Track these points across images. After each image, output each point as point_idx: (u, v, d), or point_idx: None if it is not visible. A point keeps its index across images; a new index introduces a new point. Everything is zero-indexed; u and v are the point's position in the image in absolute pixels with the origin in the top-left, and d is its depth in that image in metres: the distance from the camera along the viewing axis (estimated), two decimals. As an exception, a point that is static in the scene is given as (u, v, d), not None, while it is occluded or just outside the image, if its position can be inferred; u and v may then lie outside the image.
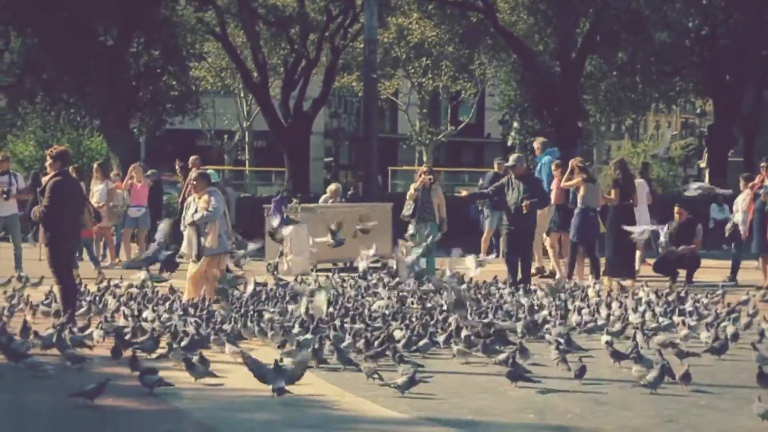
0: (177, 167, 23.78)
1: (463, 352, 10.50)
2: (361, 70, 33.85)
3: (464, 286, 14.96)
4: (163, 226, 15.30)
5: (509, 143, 39.07)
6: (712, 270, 19.40)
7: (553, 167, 19.22)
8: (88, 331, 11.37)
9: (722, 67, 35.40)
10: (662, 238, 18.50)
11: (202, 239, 13.94)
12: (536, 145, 20.58)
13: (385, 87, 48.18)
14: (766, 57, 35.41)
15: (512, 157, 17.85)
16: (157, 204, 23.33)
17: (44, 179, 13.22)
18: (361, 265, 15.47)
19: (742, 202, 18.80)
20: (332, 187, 23.64)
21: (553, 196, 18.76)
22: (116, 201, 21.33)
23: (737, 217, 18.86)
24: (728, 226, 19.12)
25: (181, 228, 14.61)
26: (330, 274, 17.00)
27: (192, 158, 23.07)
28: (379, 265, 16.22)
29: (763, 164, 18.37)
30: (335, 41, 34.07)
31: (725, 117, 36.35)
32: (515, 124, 37.59)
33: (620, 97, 38.73)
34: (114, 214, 21.17)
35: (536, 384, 9.23)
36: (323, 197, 23.13)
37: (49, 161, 12.86)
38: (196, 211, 13.94)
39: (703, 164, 45.93)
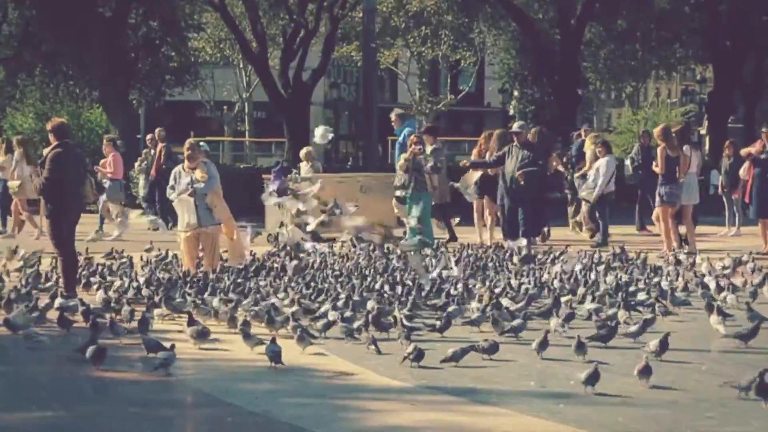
0: (147, 140, 23.89)
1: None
2: (360, 40, 33.70)
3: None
4: None
5: (510, 112, 39.02)
6: (714, 237, 19.43)
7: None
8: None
9: (722, 34, 35.28)
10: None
11: (200, 209, 13.94)
12: (393, 117, 19.69)
13: (385, 56, 47.98)
14: (767, 23, 35.28)
15: (516, 124, 17.79)
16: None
17: (45, 151, 13.20)
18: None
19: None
20: (303, 151, 22.01)
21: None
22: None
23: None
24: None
25: (168, 195, 14.43)
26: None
27: (157, 130, 23.03)
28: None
29: (764, 130, 18.34)
30: (334, 11, 33.85)
31: (725, 84, 36.26)
32: (515, 93, 37.55)
33: (620, 64, 38.69)
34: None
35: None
36: (301, 164, 21.63)
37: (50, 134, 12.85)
38: (192, 181, 13.93)
39: (703, 131, 45.82)
